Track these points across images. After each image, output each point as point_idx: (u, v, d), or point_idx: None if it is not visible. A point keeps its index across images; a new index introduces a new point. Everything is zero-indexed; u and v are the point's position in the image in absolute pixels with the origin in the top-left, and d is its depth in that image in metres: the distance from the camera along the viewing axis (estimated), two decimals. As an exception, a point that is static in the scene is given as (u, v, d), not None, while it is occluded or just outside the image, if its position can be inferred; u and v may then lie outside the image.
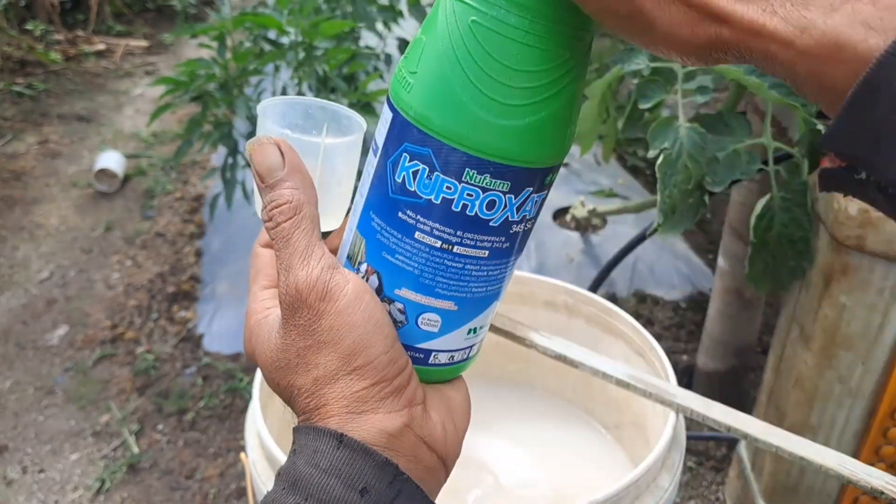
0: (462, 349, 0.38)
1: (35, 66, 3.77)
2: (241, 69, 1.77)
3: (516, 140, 0.32)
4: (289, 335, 0.34)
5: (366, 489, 0.32)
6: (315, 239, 0.35)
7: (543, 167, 0.33)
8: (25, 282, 2.22)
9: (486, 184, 0.33)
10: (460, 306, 0.36)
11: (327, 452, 0.32)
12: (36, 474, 1.61)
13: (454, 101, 0.32)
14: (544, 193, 0.35)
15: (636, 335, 0.98)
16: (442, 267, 0.34)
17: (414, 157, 0.33)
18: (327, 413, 0.34)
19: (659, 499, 0.78)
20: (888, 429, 1.05)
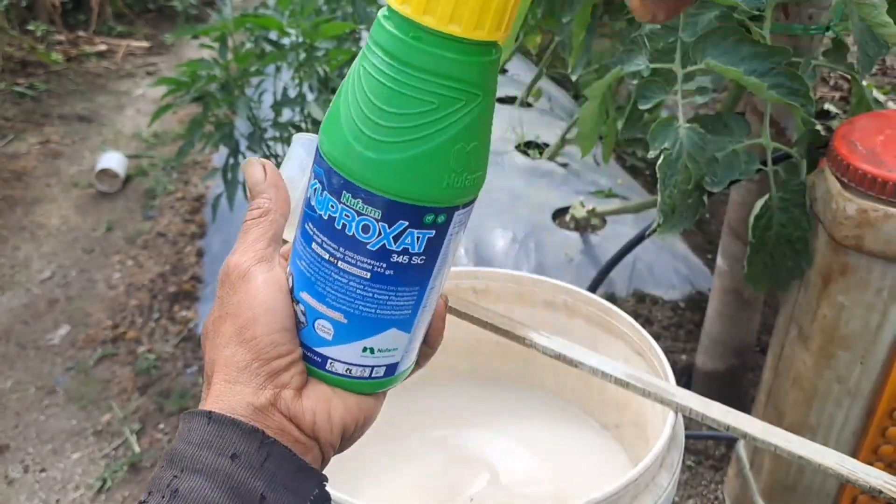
0: (359, 366, 0.40)
1: (36, 67, 3.78)
2: (243, 70, 1.78)
3: (381, 173, 0.35)
4: (215, 307, 0.40)
5: (235, 454, 0.35)
6: (264, 237, 0.41)
7: (416, 204, 0.36)
8: (27, 281, 2.23)
9: (359, 208, 0.36)
10: (350, 320, 0.39)
11: (198, 429, 0.36)
12: (37, 473, 1.61)
13: (337, 129, 0.36)
14: (430, 233, 0.37)
15: (635, 335, 0.99)
16: (330, 278, 0.38)
17: (315, 176, 0.38)
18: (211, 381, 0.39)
19: (658, 497, 0.79)
20: (886, 428, 1.06)
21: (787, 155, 1.09)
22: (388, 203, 0.36)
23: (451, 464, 1.02)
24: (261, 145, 1.86)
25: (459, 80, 0.34)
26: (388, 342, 0.40)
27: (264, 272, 0.39)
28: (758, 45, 0.94)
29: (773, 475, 1.21)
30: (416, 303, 0.39)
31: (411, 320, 0.40)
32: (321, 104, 1.72)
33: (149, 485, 0.36)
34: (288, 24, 1.69)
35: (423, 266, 0.38)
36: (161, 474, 0.36)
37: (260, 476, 0.35)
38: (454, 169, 0.36)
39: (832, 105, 2.77)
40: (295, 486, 0.36)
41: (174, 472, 0.35)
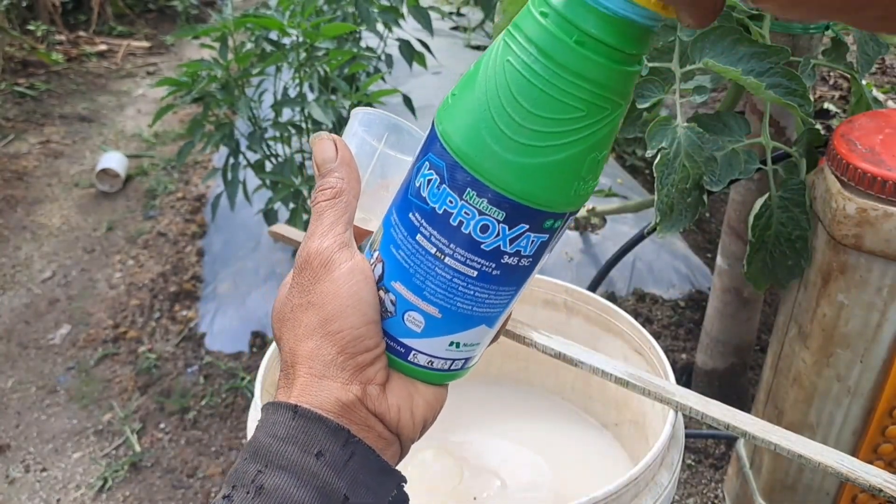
0: (442, 359, 0.40)
1: (37, 67, 3.78)
2: (243, 70, 1.78)
3: (516, 175, 0.34)
4: (291, 291, 0.39)
5: (321, 452, 0.35)
6: (341, 220, 0.39)
7: (541, 209, 0.35)
8: (28, 281, 2.23)
9: (483, 207, 0.35)
10: (444, 315, 0.38)
11: (284, 423, 0.35)
12: (38, 473, 1.61)
13: (471, 124, 0.34)
14: (544, 237, 0.36)
15: (635, 334, 0.99)
16: (433, 273, 0.37)
17: (432, 167, 0.36)
18: (295, 372, 0.37)
19: (658, 496, 0.79)
20: (886, 427, 1.06)
21: (786, 154, 1.09)
22: (515, 206, 0.35)
23: (452, 464, 1.03)
24: (261, 145, 1.86)
25: (611, 88, 0.33)
26: (475, 338, 0.39)
27: (348, 260, 0.38)
28: (756, 45, 0.94)
29: (772, 474, 1.22)
30: (508, 301, 0.39)
31: (498, 317, 0.40)
32: (321, 104, 1.72)
33: (231, 477, 0.35)
34: (288, 24, 1.69)
35: (528, 268, 0.37)
36: (245, 468, 0.35)
37: (343, 475, 0.35)
38: (584, 177, 0.35)
39: (832, 104, 2.77)
40: (376, 487, 0.36)
41: (259, 466, 0.34)
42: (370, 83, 1.83)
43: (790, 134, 1.26)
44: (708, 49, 0.96)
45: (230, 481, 0.35)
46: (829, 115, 2.66)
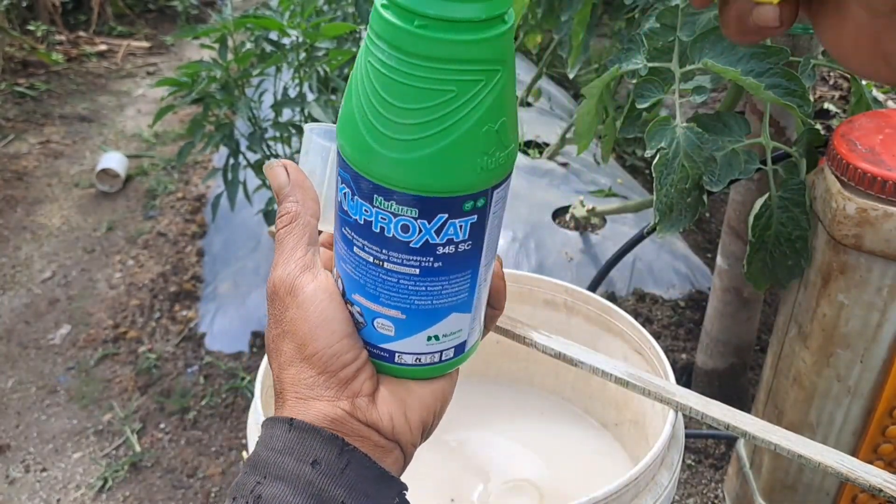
0: (428, 353, 0.40)
1: (37, 67, 3.78)
2: (243, 70, 1.78)
3: (411, 172, 0.33)
4: (269, 324, 0.40)
5: (316, 461, 0.35)
6: (301, 243, 0.40)
7: (452, 196, 0.34)
8: (28, 281, 2.23)
9: (395, 209, 0.35)
10: (409, 315, 0.38)
11: (280, 435, 0.36)
12: (38, 473, 1.61)
13: (356, 133, 0.34)
14: (472, 218, 0.35)
15: (635, 334, 0.99)
16: (379, 280, 0.37)
17: (343, 181, 0.36)
18: (284, 398, 0.38)
19: (658, 496, 0.79)
20: (886, 427, 1.06)
21: (786, 154, 1.09)
22: (422, 200, 0.34)
23: (452, 464, 1.03)
24: (261, 145, 1.86)
25: (476, 60, 0.32)
26: (452, 326, 0.39)
27: (310, 282, 0.38)
28: (755, 45, 0.94)
29: (772, 474, 1.22)
30: (470, 284, 0.38)
31: (469, 301, 0.39)
32: (321, 104, 1.72)
33: (232, 489, 0.36)
34: (288, 24, 1.69)
35: (470, 250, 0.37)
36: (244, 480, 0.36)
37: (340, 483, 0.35)
38: (486, 151, 0.33)
39: (832, 104, 2.77)
40: (375, 494, 0.36)
41: (257, 477, 0.36)
42: (370, 83, 1.82)
43: (790, 134, 1.26)
44: (707, 49, 0.96)
45: (231, 493, 0.36)
46: (829, 115, 2.66)
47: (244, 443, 1.63)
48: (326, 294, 0.38)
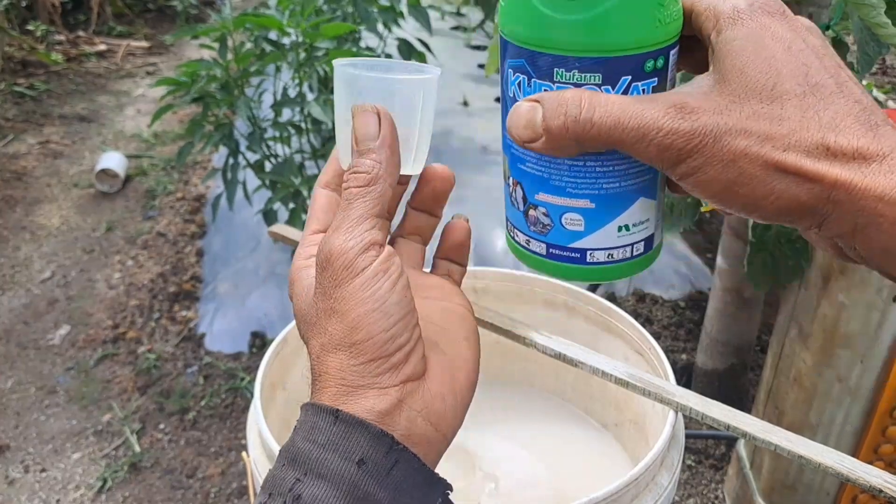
0: (619, 247, 0.38)
1: (36, 67, 3.78)
2: (243, 70, 1.78)
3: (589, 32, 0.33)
4: (316, 293, 0.36)
5: (363, 460, 0.33)
6: (372, 213, 0.36)
7: (633, 54, 0.34)
8: (27, 282, 2.23)
9: (577, 79, 0.34)
10: (597, 203, 0.37)
11: (324, 428, 0.33)
12: (38, 473, 1.61)
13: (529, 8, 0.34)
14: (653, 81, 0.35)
15: (635, 334, 0.99)
16: (565, 168, 0.36)
17: (515, 70, 0.36)
18: (325, 383, 0.35)
19: (658, 497, 0.79)
20: (887, 427, 1.06)
21: (786, 154, 1.09)
22: (605, 62, 0.33)
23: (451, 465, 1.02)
24: (261, 145, 1.86)
25: None
26: (639, 214, 0.38)
27: (369, 262, 0.35)
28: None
29: (773, 474, 1.22)
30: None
31: (654, 184, 0.38)
32: (321, 104, 1.72)
33: (268, 484, 0.34)
34: (288, 24, 1.69)
35: None
36: (282, 474, 0.33)
37: (386, 485, 0.33)
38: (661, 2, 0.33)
39: (832, 104, 2.77)
40: (420, 497, 0.34)
41: (297, 473, 0.33)
42: (370, 83, 1.82)
43: (790, 134, 1.26)
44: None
45: (266, 488, 0.34)
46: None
47: (243, 443, 1.63)
48: (386, 277, 0.35)
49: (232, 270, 2.12)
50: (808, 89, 0.30)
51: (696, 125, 0.31)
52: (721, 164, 0.30)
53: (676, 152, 0.31)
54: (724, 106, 0.31)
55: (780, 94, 0.30)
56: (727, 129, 0.30)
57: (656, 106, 0.32)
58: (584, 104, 0.32)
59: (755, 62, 0.31)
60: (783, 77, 0.30)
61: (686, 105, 0.31)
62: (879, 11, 0.84)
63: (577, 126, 0.33)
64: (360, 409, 0.34)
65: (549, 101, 0.34)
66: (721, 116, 0.31)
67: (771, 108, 0.30)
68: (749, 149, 0.30)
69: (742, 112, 0.31)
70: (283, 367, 1.00)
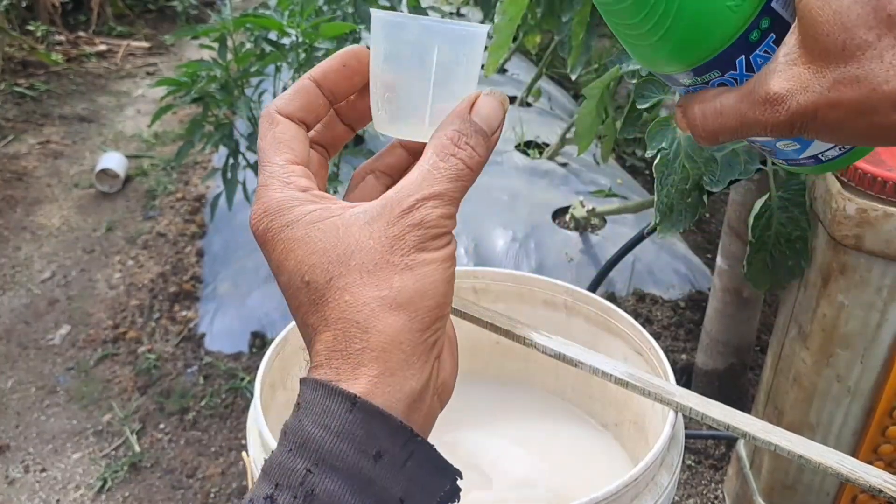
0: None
1: (36, 67, 3.78)
2: (243, 70, 1.78)
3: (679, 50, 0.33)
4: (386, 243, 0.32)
5: (380, 454, 0.30)
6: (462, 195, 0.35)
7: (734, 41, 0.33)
8: (27, 282, 2.23)
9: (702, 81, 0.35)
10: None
11: (338, 413, 0.30)
12: (38, 473, 1.61)
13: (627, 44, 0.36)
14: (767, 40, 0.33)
15: (635, 334, 0.99)
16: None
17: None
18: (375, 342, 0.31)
19: (658, 497, 0.79)
20: (886, 427, 1.06)
21: (786, 154, 1.09)
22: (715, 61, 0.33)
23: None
24: (261, 145, 1.86)
25: None
26: None
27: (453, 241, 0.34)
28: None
29: (773, 474, 1.22)
30: None
31: None
32: (321, 104, 1.72)
33: (273, 471, 0.31)
34: (288, 24, 1.69)
35: None
36: (291, 464, 0.30)
37: (400, 478, 0.31)
38: None
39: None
40: (431, 486, 0.32)
41: (307, 464, 0.30)
42: (370, 83, 1.82)
43: (790, 134, 1.26)
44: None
45: (272, 476, 0.30)
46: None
47: (243, 443, 1.63)
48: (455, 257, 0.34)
49: (232, 270, 2.13)
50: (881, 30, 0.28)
51: (790, 113, 0.30)
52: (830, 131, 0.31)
53: (791, 134, 0.31)
54: (808, 80, 0.30)
55: (852, 50, 0.28)
56: (817, 106, 0.30)
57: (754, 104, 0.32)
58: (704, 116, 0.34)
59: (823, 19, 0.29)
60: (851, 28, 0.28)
61: (773, 96, 0.31)
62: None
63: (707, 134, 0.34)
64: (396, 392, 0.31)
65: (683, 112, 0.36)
66: (808, 94, 0.30)
67: (847, 69, 0.29)
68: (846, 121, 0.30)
69: (825, 82, 0.29)
70: (283, 367, 1.00)
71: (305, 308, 0.33)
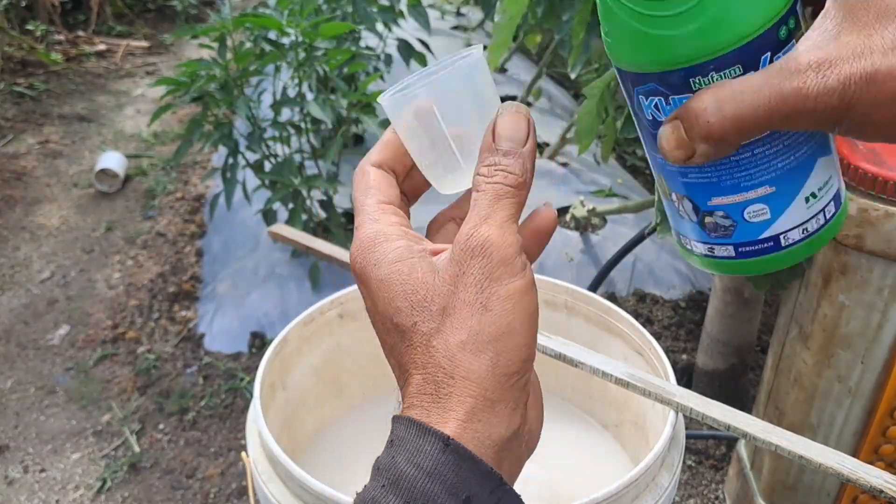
0: (812, 217, 0.36)
1: (36, 67, 3.78)
2: (242, 70, 1.78)
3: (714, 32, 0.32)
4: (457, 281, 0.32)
5: (469, 499, 0.30)
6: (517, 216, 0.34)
7: (765, 30, 0.32)
8: (27, 282, 2.23)
9: (717, 79, 0.33)
10: (777, 185, 0.35)
11: (431, 454, 0.31)
12: (37, 474, 1.61)
13: (641, 35, 0.33)
14: (790, 44, 0.33)
15: (636, 334, 0.99)
16: (733, 164, 0.35)
17: (648, 95, 0.35)
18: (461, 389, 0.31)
19: (658, 497, 0.78)
20: (887, 427, 1.06)
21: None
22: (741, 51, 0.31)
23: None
24: (260, 145, 1.86)
25: None
26: (823, 175, 0.36)
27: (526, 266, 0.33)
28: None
29: (773, 475, 1.21)
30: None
31: (826, 140, 0.35)
32: (320, 104, 1.72)
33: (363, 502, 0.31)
34: (287, 23, 1.69)
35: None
36: (381, 497, 0.31)
37: None
38: None
39: (832, 104, 2.77)
40: None
41: (398, 500, 0.30)
42: (369, 82, 1.82)
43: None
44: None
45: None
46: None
47: (243, 443, 1.63)
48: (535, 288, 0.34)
49: (231, 270, 2.12)
50: None
51: (842, 77, 0.28)
52: (885, 104, 0.28)
53: (834, 112, 0.28)
54: (862, 46, 0.28)
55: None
56: (875, 70, 0.28)
57: (792, 73, 0.29)
58: (720, 104, 0.30)
59: None
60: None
61: (823, 61, 0.28)
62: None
63: (724, 127, 0.30)
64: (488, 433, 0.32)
65: (687, 114, 0.32)
66: (864, 59, 0.28)
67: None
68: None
69: (884, 45, 0.28)
70: (282, 367, 0.99)
71: (398, 350, 0.34)
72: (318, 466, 0.94)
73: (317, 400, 1.09)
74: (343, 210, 1.98)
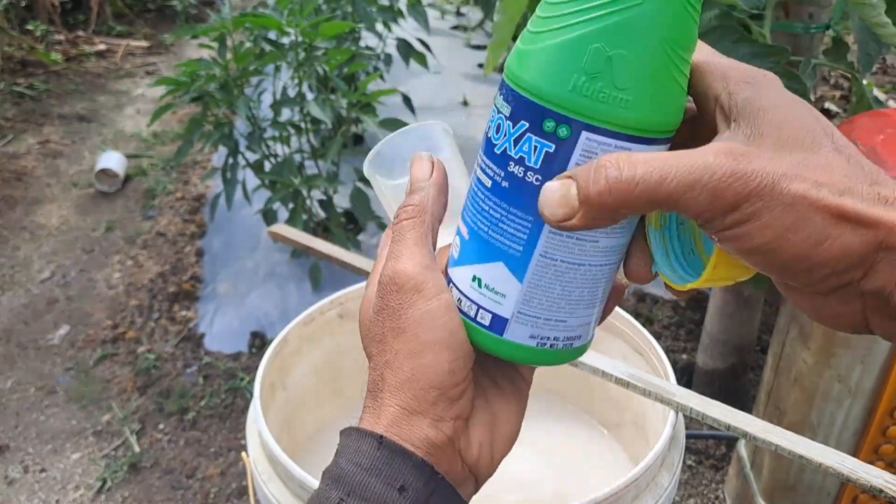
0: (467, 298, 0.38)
1: (36, 67, 3.78)
2: (242, 69, 1.78)
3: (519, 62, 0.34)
4: (380, 313, 0.37)
5: (404, 487, 0.34)
6: (425, 241, 0.38)
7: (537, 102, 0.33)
8: (27, 282, 2.23)
9: (499, 105, 0.35)
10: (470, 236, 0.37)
11: (368, 452, 0.35)
12: (37, 474, 1.61)
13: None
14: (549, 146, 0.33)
15: (636, 334, 0.99)
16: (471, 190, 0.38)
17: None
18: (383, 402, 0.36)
19: (658, 497, 0.78)
20: (887, 427, 1.05)
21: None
22: (516, 98, 0.34)
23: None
24: (260, 145, 1.86)
25: None
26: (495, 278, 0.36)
27: (444, 291, 0.37)
28: (756, 45, 0.94)
29: (773, 474, 1.21)
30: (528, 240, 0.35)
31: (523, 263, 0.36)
32: (320, 103, 1.71)
33: (313, 502, 0.35)
34: (287, 23, 1.69)
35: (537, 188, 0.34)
36: (327, 493, 0.35)
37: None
38: (586, 71, 0.32)
39: (832, 104, 2.77)
40: None
41: (340, 493, 0.35)
42: (369, 82, 1.82)
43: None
44: (708, 48, 0.96)
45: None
46: (831, 115, 2.66)
47: (243, 443, 1.63)
48: (454, 310, 0.37)
49: (231, 270, 2.12)
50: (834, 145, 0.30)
51: (752, 167, 0.29)
52: (780, 207, 0.29)
53: (733, 196, 0.29)
54: (773, 154, 0.30)
55: (818, 146, 0.30)
56: (783, 173, 0.29)
57: (703, 153, 0.30)
58: (624, 164, 0.31)
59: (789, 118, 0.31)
60: (815, 133, 0.30)
61: (735, 149, 0.30)
62: (880, 11, 0.84)
63: (619, 187, 0.31)
64: (414, 434, 0.35)
65: (583, 171, 0.32)
66: (773, 162, 0.29)
67: (817, 157, 0.30)
68: (808, 192, 0.29)
69: (791, 159, 0.30)
70: (282, 367, 0.99)
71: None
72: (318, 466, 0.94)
73: (317, 400, 1.09)
74: (343, 210, 1.98)
